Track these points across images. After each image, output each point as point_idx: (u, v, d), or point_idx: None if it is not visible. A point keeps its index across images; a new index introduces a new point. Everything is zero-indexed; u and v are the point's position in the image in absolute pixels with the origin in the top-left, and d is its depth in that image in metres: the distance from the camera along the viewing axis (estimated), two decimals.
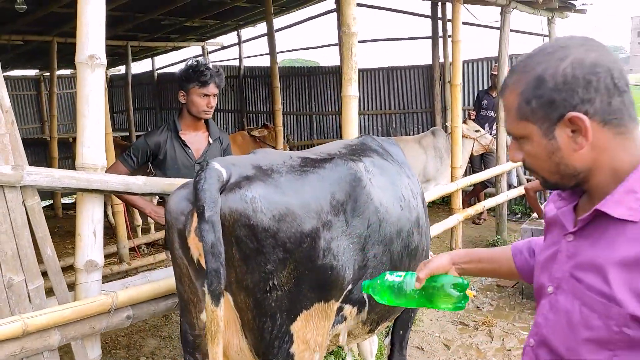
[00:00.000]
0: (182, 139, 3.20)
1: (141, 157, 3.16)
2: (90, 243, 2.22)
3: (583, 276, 1.13)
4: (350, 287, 2.18)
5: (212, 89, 3.18)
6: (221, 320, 1.84)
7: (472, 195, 7.82)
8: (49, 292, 2.16)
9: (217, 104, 10.35)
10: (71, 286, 2.36)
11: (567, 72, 1.06)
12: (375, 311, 2.45)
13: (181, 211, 1.91)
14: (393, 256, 2.38)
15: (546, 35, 7.75)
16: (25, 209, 1.99)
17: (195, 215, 1.83)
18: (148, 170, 3.33)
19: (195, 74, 3.12)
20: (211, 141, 3.30)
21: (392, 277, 1.64)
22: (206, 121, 3.31)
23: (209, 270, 1.76)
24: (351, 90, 3.70)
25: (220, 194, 1.84)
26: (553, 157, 1.12)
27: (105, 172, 3.08)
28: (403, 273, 1.65)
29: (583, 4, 7.37)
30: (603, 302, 1.08)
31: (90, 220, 2.21)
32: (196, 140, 3.26)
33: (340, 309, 2.23)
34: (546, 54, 1.10)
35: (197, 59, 3.25)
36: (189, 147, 3.21)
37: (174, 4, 7.34)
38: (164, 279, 2.51)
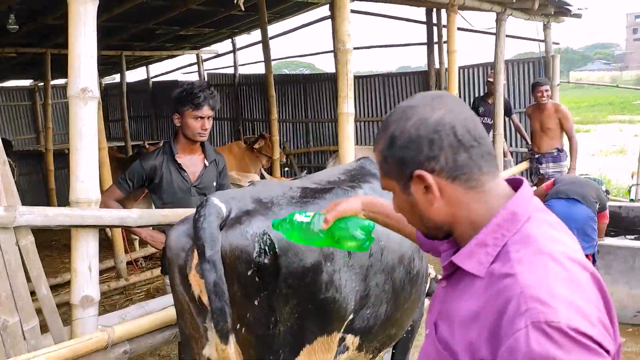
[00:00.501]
0: (178, 162, 3.15)
1: (137, 182, 3.12)
2: (85, 279, 2.18)
3: (440, 324, 1.16)
4: (352, 316, 2.16)
5: (206, 111, 3.12)
6: (233, 356, 1.85)
7: None
8: (42, 314, 2.13)
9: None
10: (67, 304, 2.32)
11: (411, 131, 1.11)
12: (378, 339, 2.42)
13: (182, 247, 1.89)
14: (395, 284, 2.36)
15: (542, 40, 7.75)
16: (19, 248, 1.95)
17: (196, 252, 1.82)
18: (144, 185, 3.29)
19: (189, 97, 3.08)
20: (207, 164, 3.26)
21: (300, 217, 1.66)
22: (202, 143, 3.27)
23: (213, 309, 1.75)
24: (347, 107, 3.67)
25: (221, 229, 1.83)
26: (415, 210, 1.18)
27: (101, 196, 3.07)
28: (312, 213, 1.67)
29: (579, 9, 7.37)
30: (444, 354, 1.10)
31: (85, 256, 2.17)
32: (192, 163, 3.22)
33: (342, 339, 2.21)
34: (399, 113, 1.15)
35: (192, 81, 3.21)
36: (185, 171, 3.17)
37: (168, 14, 7.32)
38: (160, 309, 2.47)
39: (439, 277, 3.55)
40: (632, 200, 6.10)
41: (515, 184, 1.15)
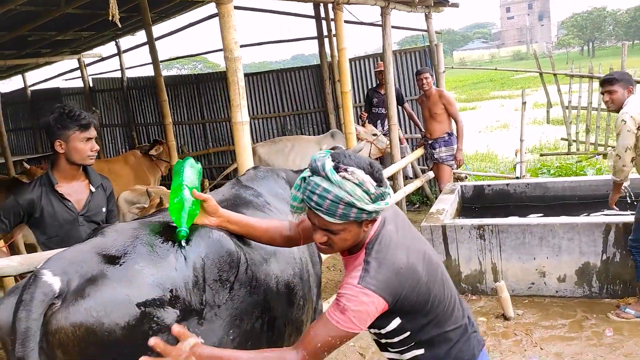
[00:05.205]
0: (59, 192, 2.93)
1: (14, 219, 2.87)
2: None
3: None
4: None
5: (93, 131, 2.96)
6: None
7: None
8: None
9: (102, 119, 9.81)
10: None
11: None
12: None
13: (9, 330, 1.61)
14: (278, 323, 2.25)
15: (425, 30, 8.07)
16: None
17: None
18: (23, 222, 3.02)
19: (73, 119, 2.87)
20: (93, 189, 3.06)
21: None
22: (84, 168, 3.07)
23: None
24: (241, 116, 3.60)
25: (59, 305, 1.59)
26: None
27: None
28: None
29: None
30: None
31: None
32: (75, 191, 3.00)
33: None
34: None
35: (66, 104, 3.00)
36: (68, 200, 2.95)
37: (41, 20, 6.78)
38: None
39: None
40: (517, 177, 6.54)
41: None
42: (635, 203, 4.43)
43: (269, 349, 1.86)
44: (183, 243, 1.89)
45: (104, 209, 3.10)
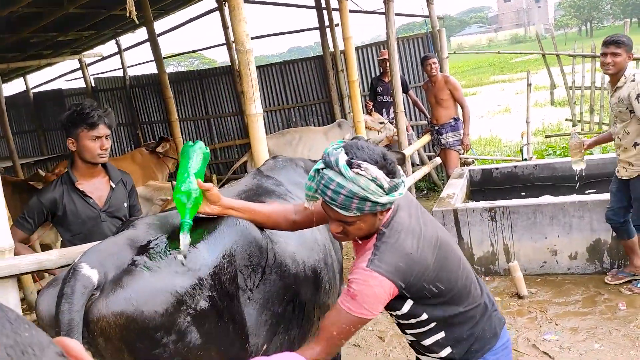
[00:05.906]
0: (80, 189, 2.97)
1: (38, 218, 2.93)
2: None
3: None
4: (265, 346, 2.07)
5: (102, 129, 2.94)
6: None
7: None
8: None
9: None
10: None
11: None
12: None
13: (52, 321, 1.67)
14: (307, 307, 2.32)
15: (427, 16, 8.08)
16: None
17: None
18: (47, 221, 3.07)
19: (81, 117, 2.87)
20: (113, 185, 3.10)
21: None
22: (104, 165, 3.11)
23: None
24: (254, 108, 3.64)
25: (98, 295, 1.66)
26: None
27: None
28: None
29: None
30: None
31: None
32: (96, 187, 3.05)
33: None
34: None
35: (81, 102, 3.02)
36: (89, 197, 3.00)
37: (42, 21, 6.81)
38: None
39: None
40: (525, 159, 6.58)
41: None
42: None
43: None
44: (212, 231, 1.95)
45: (125, 204, 3.15)
